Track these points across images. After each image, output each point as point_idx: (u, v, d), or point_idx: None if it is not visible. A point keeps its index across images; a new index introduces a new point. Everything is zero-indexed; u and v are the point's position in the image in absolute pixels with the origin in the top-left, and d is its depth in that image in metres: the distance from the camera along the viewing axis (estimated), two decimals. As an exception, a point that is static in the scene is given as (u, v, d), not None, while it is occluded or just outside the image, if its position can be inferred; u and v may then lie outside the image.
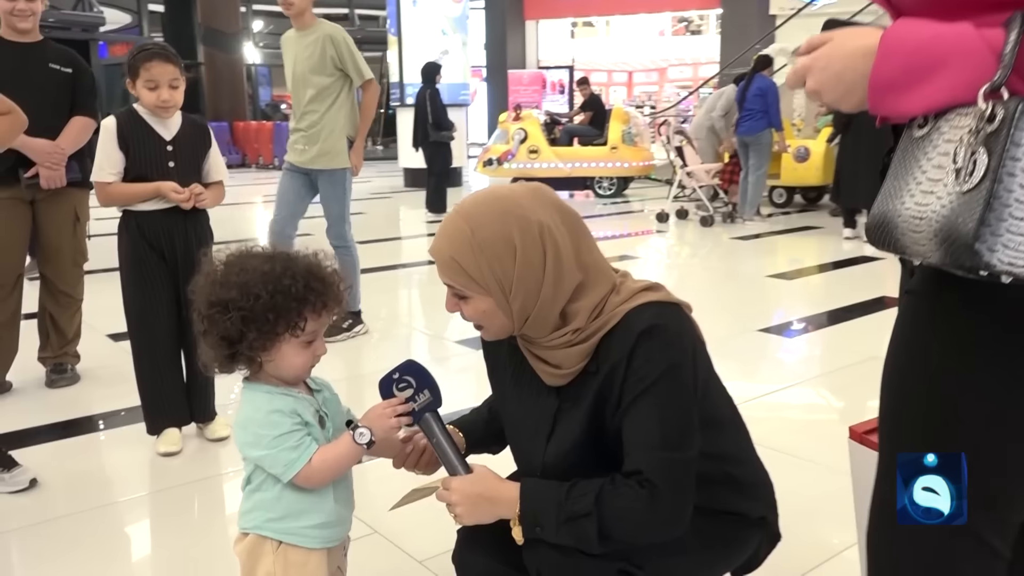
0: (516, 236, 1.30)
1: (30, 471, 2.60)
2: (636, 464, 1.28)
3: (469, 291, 1.34)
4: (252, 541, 1.43)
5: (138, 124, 2.76)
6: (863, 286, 5.60)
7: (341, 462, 1.41)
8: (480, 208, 1.34)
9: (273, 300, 1.33)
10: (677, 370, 1.30)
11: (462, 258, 1.32)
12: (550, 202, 1.36)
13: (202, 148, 2.88)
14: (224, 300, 1.33)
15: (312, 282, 1.37)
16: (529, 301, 1.32)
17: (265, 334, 1.34)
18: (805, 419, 3.36)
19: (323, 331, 1.44)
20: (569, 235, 1.34)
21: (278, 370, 1.40)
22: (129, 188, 2.73)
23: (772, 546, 1.52)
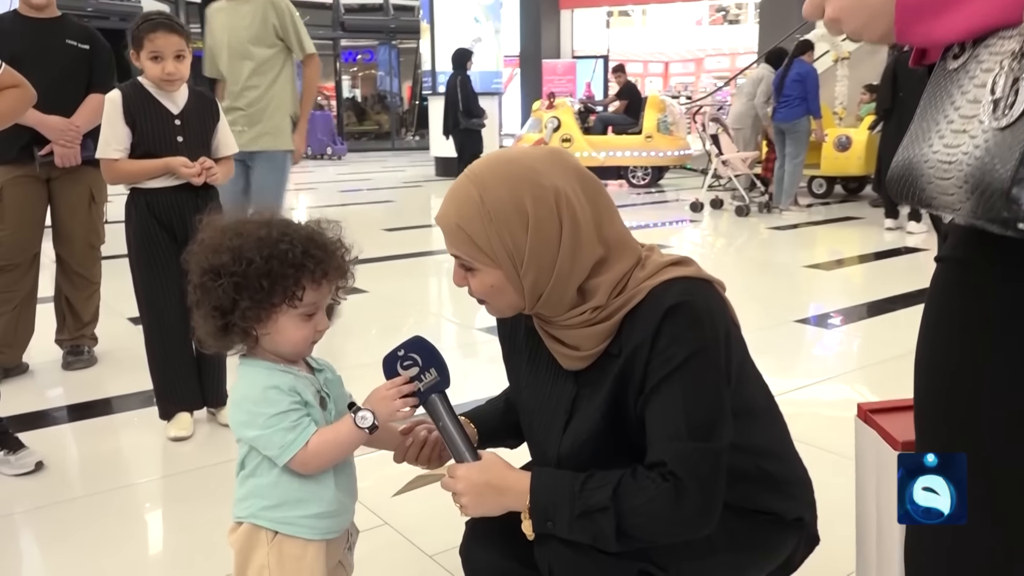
0: (529, 203, 1.17)
1: (36, 453, 2.53)
2: (659, 455, 1.15)
3: (477, 263, 1.22)
4: (246, 531, 1.32)
5: (144, 98, 2.66)
6: (905, 277, 5.40)
7: (341, 447, 1.29)
8: (491, 172, 1.22)
9: (268, 265, 1.22)
10: (706, 352, 1.17)
11: (469, 226, 1.19)
12: (569, 167, 1.23)
13: (211, 122, 2.78)
14: (216, 266, 1.23)
15: (312, 249, 1.26)
16: (542, 276, 1.20)
17: (259, 303, 1.23)
18: (842, 415, 3.18)
19: (325, 304, 1.32)
20: (589, 204, 1.21)
21: (276, 345, 1.29)
22: (137, 165, 2.64)
23: (810, 550, 1.38)
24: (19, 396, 3.20)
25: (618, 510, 1.14)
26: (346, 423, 1.28)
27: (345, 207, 9.43)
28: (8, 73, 2.44)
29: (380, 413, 1.27)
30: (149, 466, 2.66)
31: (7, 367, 3.37)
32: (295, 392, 1.27)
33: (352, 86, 24.23)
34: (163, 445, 2.76)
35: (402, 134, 21.98)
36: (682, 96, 18.47)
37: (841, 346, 4.08)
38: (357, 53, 23.98)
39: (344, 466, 1.36)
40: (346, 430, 1.28)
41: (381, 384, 1.29)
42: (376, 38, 21.95)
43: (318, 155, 16.58)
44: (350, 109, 22.79)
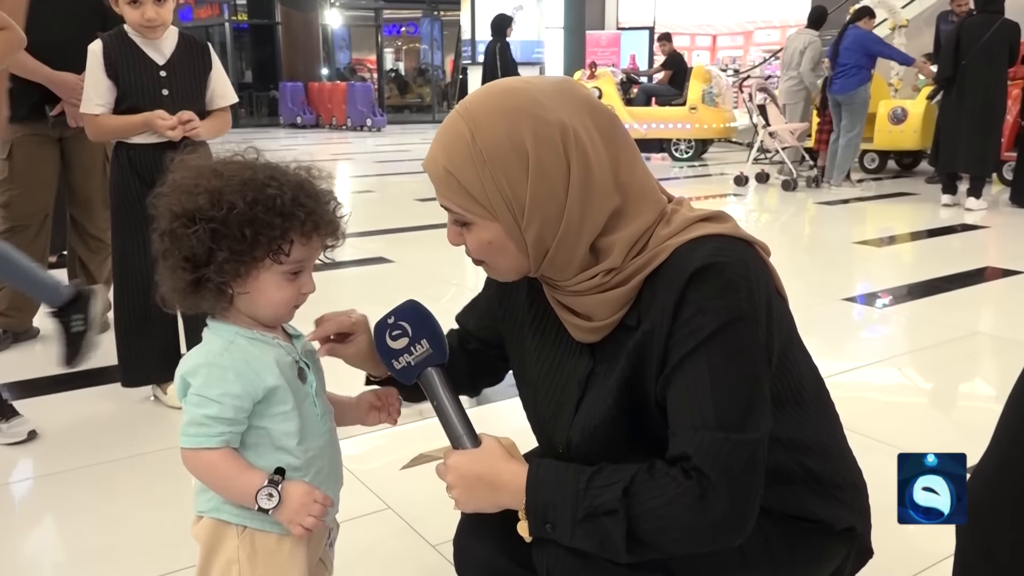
0: (529, 141, 0.97)
1: (29, 422, 2.42)
2: (682, 447, 0.95)
3: (471, 215, 1.02)
4: (211, 522, 1.15)
5: (127, 48, 2.46)
6: (962, 256, 5.10)
7: (226, 486, 1.10)
8: (485, 106, 1.00)
9: (252, 211, 1.04)
10: (740, 323, 0.96)
11: (460, 171, 0.99)
12: (580, 99, 1.01)
13: (201, 72, 2.57)
14: (190, 210, 1.05)
15: (302, 197, 1.08)
16: (547, 229, 0.99)
17: (239, 255, 1.05)
18: (892, 400, 2.95)
19: (312, 263, 1.14)
20: (604, 143, 1.00)
21: (253, 306, 1.11)
22: (118, 121, 2.47)
23: (861, 564, 1.17)
24: (26, 361, 3.12)
25: (630, 513, 0.94)
26: (254, 479, 1.08)
27: (381, 177, 9.29)
28: None
29: (283, 515, 1.08)
30: (151, 437, 2.53)
31: (16, 331, 3.28)
32: (242, 410, 1.08)
33: (395, 59, 24.09)
34: (166, 415, 2.63)
35: (444, 107, 21.80)
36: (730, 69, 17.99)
37: (891, 327, 3.81)
38: (401, 26, 23.81)
39: (324, 453, 1.18)
40: (245, 483, 1.08)
41: (308, 489, 1.09)
42: (419, 8, 21.73)
43: (357, 127, 16.47)
44: (392, 82, 22.66)
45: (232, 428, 1.08)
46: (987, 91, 6.36)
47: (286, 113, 17.64)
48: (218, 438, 1.07)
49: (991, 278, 4.54)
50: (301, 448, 1.13)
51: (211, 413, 1.06)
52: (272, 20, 19.26)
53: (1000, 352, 3.33)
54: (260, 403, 1.10)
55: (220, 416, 1.07)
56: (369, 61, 22.60)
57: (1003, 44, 6.25)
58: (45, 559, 1.90)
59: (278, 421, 1.11)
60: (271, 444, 1.12)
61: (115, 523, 2.05)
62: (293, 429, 1.12)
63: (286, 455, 1.12)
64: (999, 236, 5.71)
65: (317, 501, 1.09)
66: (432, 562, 1.82)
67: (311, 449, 1.15)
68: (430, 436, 1.26)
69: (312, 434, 1.15)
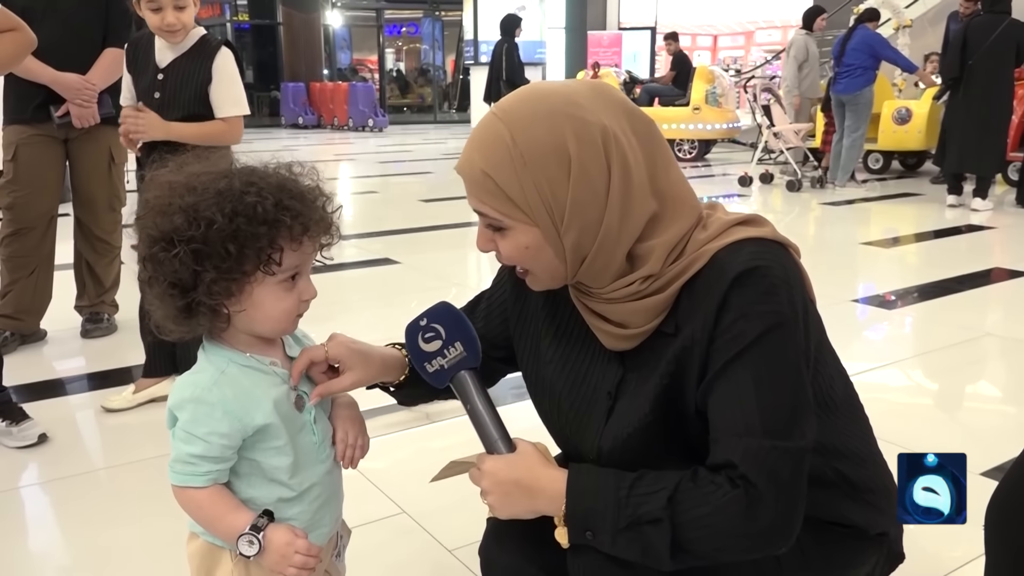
0: (571, 144, 0.95)
1: (39, 425, 2.40)
2: (727, 454, 0.93)
3: (508, 219, 0.99)
4: (205, 545, 1.11)
5: (145, 48, 2.51)
6: (969, 257, 5.09)
7: (211, 523, 1.07)
8: (524, 107, 0.98)
9: (233, 225, 0.97)
10: (784, 328, 0.94)
11: (498, 173, 0.97)
12: (616, 102, 1.00)
13: (198, 78, 2.48)
14: (167, 232, 0.98)
15: (285, 199, 1.01)
16: (586, 234, 0.97)
17: (227, 273, 0.98)
18: (904, 402, 2.94)
19: (309, 266, 1.08)
20: (641, 147, 0.98)
21: (252, 323, 1.04)
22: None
23: (891, 568, 1.16)
24: (34, 364, 3.10)
25: (675, 522, 0.92)
26: (237, 521, 1.04)
27: (384, 178, 9.27)
28: (3, 15, 2.28)
29: (264, 561, 1.05)
30: (163, 440, 2.51)
31: (24, 334, 3.26)
32: (228, 449, 1.04)
33: (396, 59, 24.07)
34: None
35: (445, 108, 21.79)
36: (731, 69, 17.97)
37: (901, 329, 3.80)
38: (402, 26, 23.79)
39: (323, 478, 1.13)
40: (228, 525, 1.04)
41: (291, 538, 1.05)
42: (420, 8, 21.71)
43: (359, 127, 16.46)
44: (393, 82, 22.64)
45: (219, 466, 1.04)
46: (994, 91, 6.34)
47: (288, 113, 17.62)
48: (204, 477, 1.04)
49: (999, 279, 4.52)
50: (295, 480, 1.09)
51: (197, 452, 1.03)
52: (274, 20, 19.25)
53: (1011, 354, 3.32)
54: (250, 437, 1.05)
55: (206, 455, 1.03)
56: (370, 61, 22.57)
57: (1010, 44, 6.23)
58: (56, 563, 1.88)
59: (270, 456, 1.07)
60: (263, 476, 1.08)
61: (127, 528, 2.04)
62: (285, 464, 1.08)
63: (279, 487, 1.09)
64: (1005, 237, 5.70)
65: (299, 552, 1.04)
66: (449, 566, 1.80)
67: (306, 480, 1.10)
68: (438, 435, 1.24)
69: (308, 463, 1.11)
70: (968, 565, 1.77)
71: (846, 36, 7.39)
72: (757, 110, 8.01)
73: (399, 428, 2.48)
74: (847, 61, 7.26)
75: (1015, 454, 2.32)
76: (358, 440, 1.18)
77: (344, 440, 1.16)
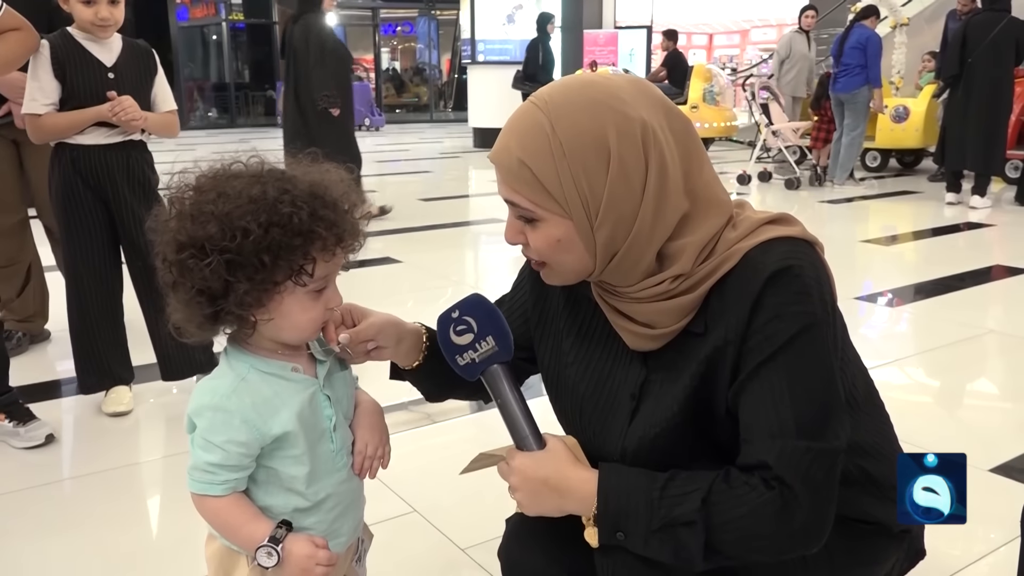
0: (612, 137, 0.93)
1: (46, 426, 2.39)
2: (760, 455, 0.93)
3: (541, 210, 0.97)
4: (222, 549, 1.11)
5: (74, 48, 2.41)
6: (969, 254, 5.10)
7: (230, 531, 1.06)
8: (565, 96, 0.96)
9: (268, 236, 0.95)
10: (817, 328, 0.94)
11: (535, 162, 0.95)
12: (656, 98, 0.98)
13: (147, 75, 2.53)
14: (199, 239, 0.95)
15: (320, 209, 0.99)
16: (620, 230, 0.96)
17: (259, 284, 0.97)
18: (909, 400, 2.94)
19: (335, 275, 1.06)
20: (678, 146, 0.97)
21: (278, 332, 1.03)
22: (64, 118, 2.40)
23: (912, 564, 1.16)
24: (39, 364, 3.10)
25: (709, 524, 0.92)
26: (256, 531, 1.03)
27: (382, 177, 9.26)
28: (9, 14, 2.26)
29: (282, 574, 1.04)
30: (171, 440, 2.51)
31: (33, 334, 3.25)
32: (246, 456, 1.03)
33: (391, 58, 24.04)
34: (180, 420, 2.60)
35: (441, 107, 21.76)
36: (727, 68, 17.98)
37: (902, 326, 3.81)
38: (397, 25, 23.76)
39: (340, 487, 1.12)
40: (247, 534, 1.03)
41: (311, 551, 1.03)
42: (415, 7, 21.68)
43: (356, 126, 16.42)
44: (389, 81, 22.61)
45: (237, 475, 1.04)
46: (993, 89, 6.35)
47: (283, 113, 17.60)
48: (223, 486, 1.03)
49: (999, 277, 4.53)
50: (311, 490, 1.08)
51: (215, 460, 1.02)
52: (269, 19, 19.20)
53: (1013, 351, 3.33)
54: (269, 445, 1.05)
55: (224, 464, 1.02)
56: (365, 60, 22.52)
57: (1009, 42, 6.24)
58: (64, 564, 1.87)
59: (287, 464, 1.06)
60: (280, 484, 1.07)
61: (137, 528, 2.03)
62: (302, 474, 1.07)
63: (295, 496, 1.08)
64: (1005, 235, 5.71)
65: (320, 563, 1.03)
66: (462, 564, 1.80)
67: (323, 490, 1.09)
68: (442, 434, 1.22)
69: (325, 472, 1.09)
70: (980, 561, 1.78)
71: (844, 34, 7.39)
72: (755, 108, 8.01)
73: (404, 428, 2.48)
74: (845, 60, 7.26)
75: (1020, 450, 2.33)
76: (378, 451, 1.17)
77: (363, 452, 1.15)
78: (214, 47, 19.90)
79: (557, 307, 1.17)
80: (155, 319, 2.59)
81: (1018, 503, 1.28)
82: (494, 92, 11.36)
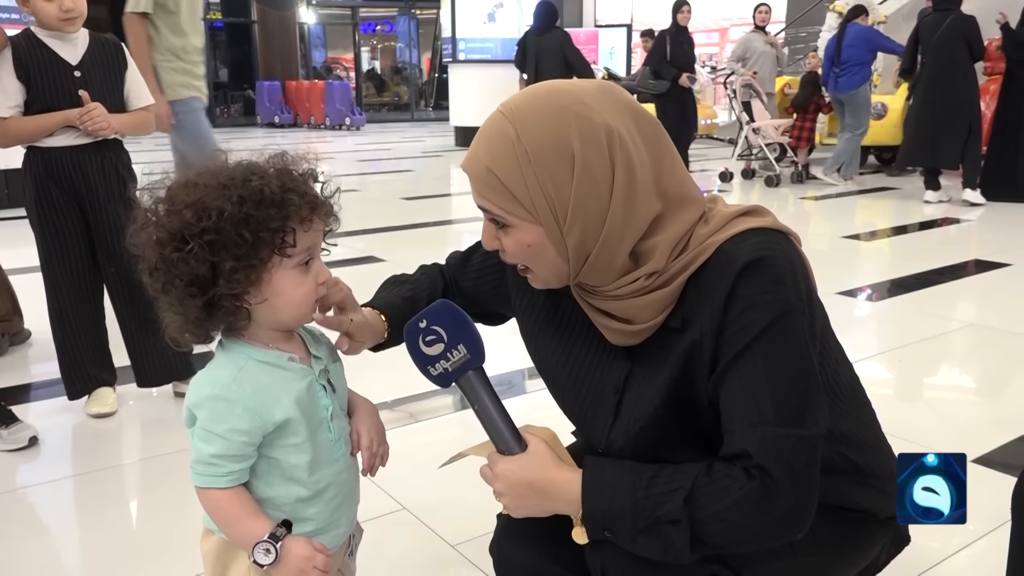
0: (576, 142, 0.95)
1: (30, 428, 2.37)
2: (741, 444, 0.94)
3: (512, 216, 0.99)
4: (220, 542, 1.10)
5: (37, 48, 2.34)
6: (947, 249, 5.17)
7: (228, 525, 1.05)
8: (530, 104, 0.98)
9: (243, 210, 0.96)
10: (792, 316, 0.95)
11: (502, 170, 0.97)
12: (622, 103, 1.00)
13: (116, 71, 2.46)
14: (177, 230, 0.96)
15: (288, 181, 1.01)
16: (589, 234, 0.97)
17: (245, 260, 0.97)
18: (890, 394, 2.97)
19: (319, 249, 1.07)
20: (646, 148, 0.98)
21: (274, 312, 1.03)
22: (31, 122, 2.33)
23: (897, 550, 1.18)
24: (20, 366, 3.07)
25: (693, 519, 0.93)
26: (255, 527, 1.03)
27: (363, 176, 9.24)
28: None
29: (278, 573, 1.03)
30: (154, 441, 2.50)
31: (11, 334, 3.22)
32: (249, 444, 1.02)
33: (372, 57, 23.98)
34: (168, 419, 2.59)
35: (421, 106, 21.74)
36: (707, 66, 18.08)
37: (884, 320, 3.85)
38: (376, 24, 23.70)
39: (340, 472, 1.12)
40: (246, 530, 1.03)
41: (310, 553, 1.04)
42: (395, 6, 21.63)
43: (336, 125, 16.38)
44: (369, 80, 22.55)
45: (240, 465, 1.03)
46: (945, 86, 6.42)
47: (263, 112, 17.49)
48: (226, 478, 1.02)
49: (977, 271, 4.59)
50: (312, 479, 1.08)
51: (218, 451, 1.01)
52: (248, 18, 19.10)
53: (992, 344, 3.37)
54: (270, 434, 1.05)
55: (227, 453, 1.02)
56: (345, 59, 22.45)
57: (956, 39, 6.34)
58: (48, 567, 1.86)
59: (289, 453, 1.06)
60: (281, 475, 1.07)
61: (119, 529, 2.02)
62: (304, 461, 1.07)
63: (296, 486, 1.08)
64: (980, 229, 5.80)
65: (317, 567, 1.03)
66: (452, 561, 1.80)
67: (323, 479, 1.10)
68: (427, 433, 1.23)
69: (325, 461, 1.10)
70: (960, 553, 1.80)
71: (839, 34, 7.36)
72: (736, 106, 8.06)
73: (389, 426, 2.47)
74: (844, 58, 7.23)
75: (1001, 442, 2.36)
76: (380, 448, 1.18)
77: (370, 448, 1.17)
78: (192, 46, 19.78)
79: (539, 299, 1.18)
80: (129, 326, 2.57)
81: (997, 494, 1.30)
82: (475, 91, 11.37)
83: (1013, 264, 4.58)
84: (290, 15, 19.33)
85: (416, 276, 1.36)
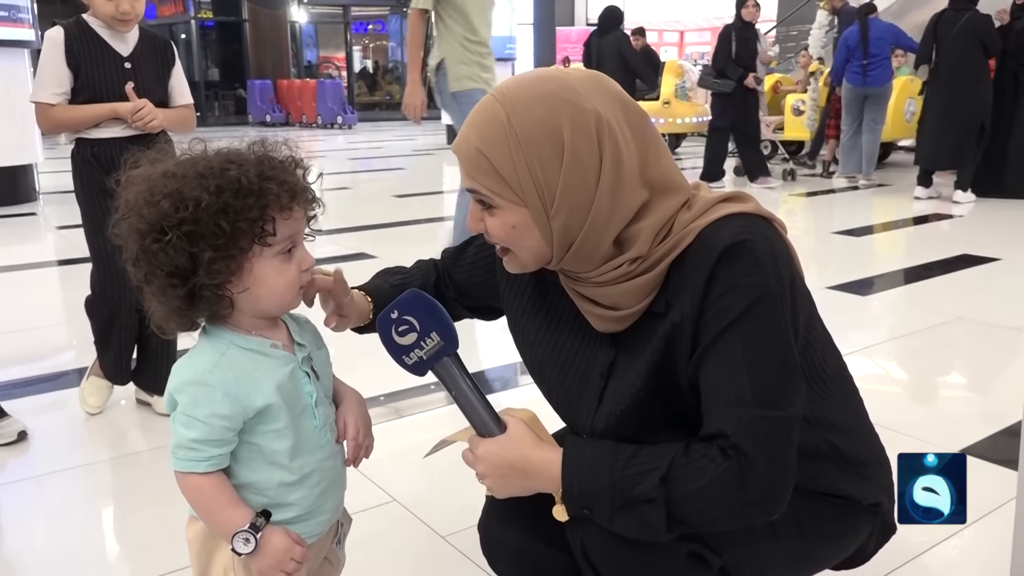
0: (566, 128, 0.96)
1: (19, 422, 2.37)
2: (718, 425, 0.95)
3: (498, 198, 1.00)
4: (205, 530, 1.10)
5: (90, 38, 2.34)
6: (940, 244, 5.19)
7: (208, 512, 1.05)
8: (522, 89, 1.00)
9: (220, 200, 0.97)
10: (770, 300, 0.96)
11: (492, 151, 0.98)
12: (612, 92, 1.01)
13: (165, 67, 2.48)
14: (155, 221, 0.97)
15: (267, 170, 1.01)
16: (574, 219, 0.98)
17: (224, 250, 0.97)
18: (881, 388, 2.99)
19: (301, 236, 1.06)
20: (634, 138, 1.00)
21: (257, 301, 1.03)
22: (77, 111, 2.33)
23: (885, 539, 1.18)
24: (9, 360, 3.06)
25: (669, 497, 0.94)
26: (235, 517, 1.03)
27: (355, 174, 9.24)
28: None
29: (256, 563, 1.04)
30: (142, 436, 2.49)
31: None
32: (229, 429, 1.02)
33: (363, 56, 23.95)
34: (157, 417, 2.58)
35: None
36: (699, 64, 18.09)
37: (877, 314, 3.86)
38: (368, 23, 23.66)
39: (326, 458, 1.12)
40: (226, 518, 1.03)
41: (288, 545, 1.04)
42: (387, 5, 21.60)
43: (328, 124, 16.38)
44: (361, 79, 22.53)
45: (221, 450, 1.03)
46: (961, 85, 6.41)
47: (255, 111, 17.48)
48: (207, 463, 1.02)
49: (967, 265, 4.61)
50: (296, 464, 1.08)
51: (198, 436, 1.01)
52: (239, 17, 19.06)
53: (981, 337, 3.39)
54: (251, 420, 1.04)
55: (207, 438, 1.01)
56: (337, 58, 22.43)
57: (973, 37, 6.33)
58: (37, 561, 1.85)
59: (270, 439, 1.06)
60: (264, 459, 1.07)
61: (108, 523, 2.02)
62: (285, 447, 1.07)
63: (279, 470, 1.07)
64: (970, 224, 5.84)
65: (294, 559, 1.04)
66: (444, 552, 1.81)
67: (307, 464, 1.09)
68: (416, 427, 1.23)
69: (308, 448, 1.09)
70: (946, 542, 1.81)
71: (862, 29, 7.24)
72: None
73: (378, 421, 2.48)
74: (873, 52, 7.16)
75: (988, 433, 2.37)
76: (365, 440, 1.19)
77: (355, 438, 1.17)
78: (183, 45, 19.72)
79: (526, 289, 1.19)
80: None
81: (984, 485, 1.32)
82: (467, 89, 11.35)
83: (1002, 259, 4.61)
84: (281, 14, 19.29)
85: (410, 268, 1.37)
